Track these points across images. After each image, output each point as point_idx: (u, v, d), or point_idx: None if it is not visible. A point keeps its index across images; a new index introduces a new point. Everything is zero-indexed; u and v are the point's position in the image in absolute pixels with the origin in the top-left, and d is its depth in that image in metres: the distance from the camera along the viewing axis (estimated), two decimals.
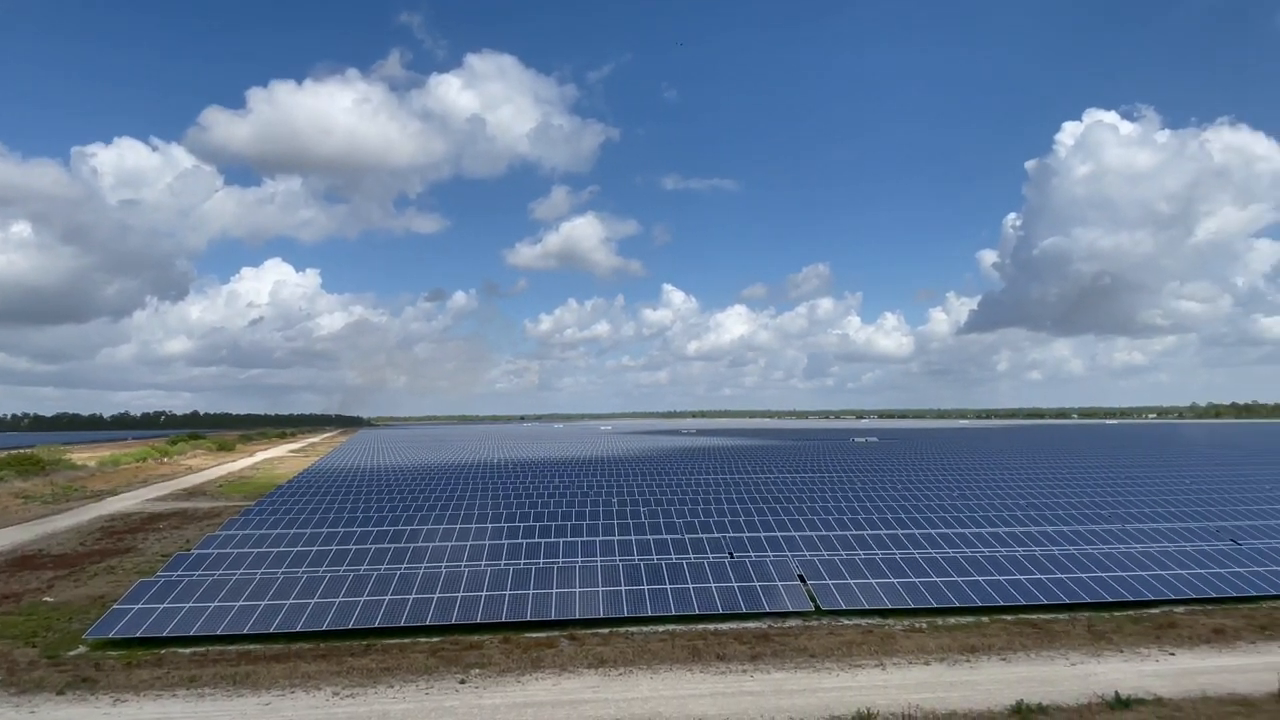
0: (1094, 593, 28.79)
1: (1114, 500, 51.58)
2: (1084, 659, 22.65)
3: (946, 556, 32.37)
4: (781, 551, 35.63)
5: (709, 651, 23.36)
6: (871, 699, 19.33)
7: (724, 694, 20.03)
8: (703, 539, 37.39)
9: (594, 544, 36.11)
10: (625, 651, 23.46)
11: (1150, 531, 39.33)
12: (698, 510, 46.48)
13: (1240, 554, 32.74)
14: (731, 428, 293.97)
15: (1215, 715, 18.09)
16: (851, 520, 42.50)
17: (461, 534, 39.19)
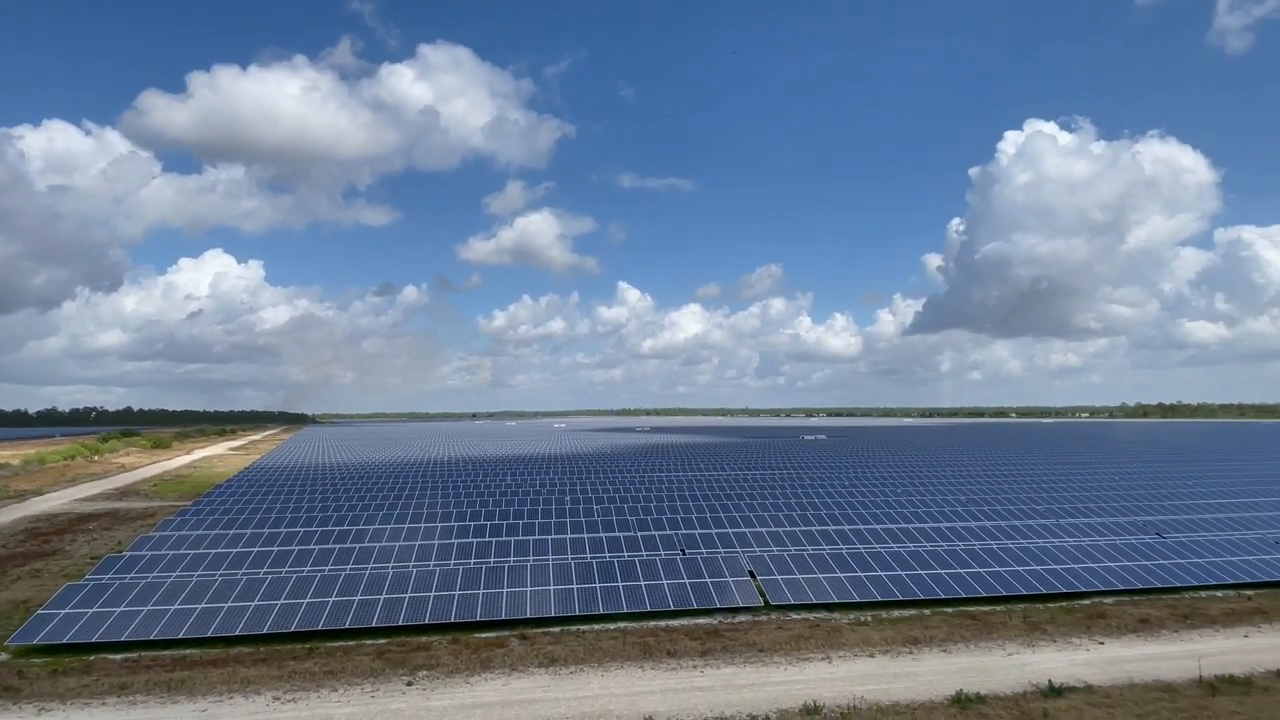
0: (1029, 585, 29.91)
1: (1049, 496, 53.68)
2: (1020, 649, 23.51)
3: (891, 551, 33.20)
4: (732, 548, 36.01)
5: (660, 648, 23.47)
6: (818, 691, 19.70)
7: (675, 690, 20.14)
8: (655, 536, 37.56)
9: (546, 542, 35.89)
10: (576, 650, 23.40)
11: (1082, 526, 41.05)
12: (650, 508, 46.63)
13: (1165, 547, 34.43)
14: (685, 425, 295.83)
15: (1141, 701, 18.99)
16: (800, 517, 43.22)
17: (410, 533, 38.49)
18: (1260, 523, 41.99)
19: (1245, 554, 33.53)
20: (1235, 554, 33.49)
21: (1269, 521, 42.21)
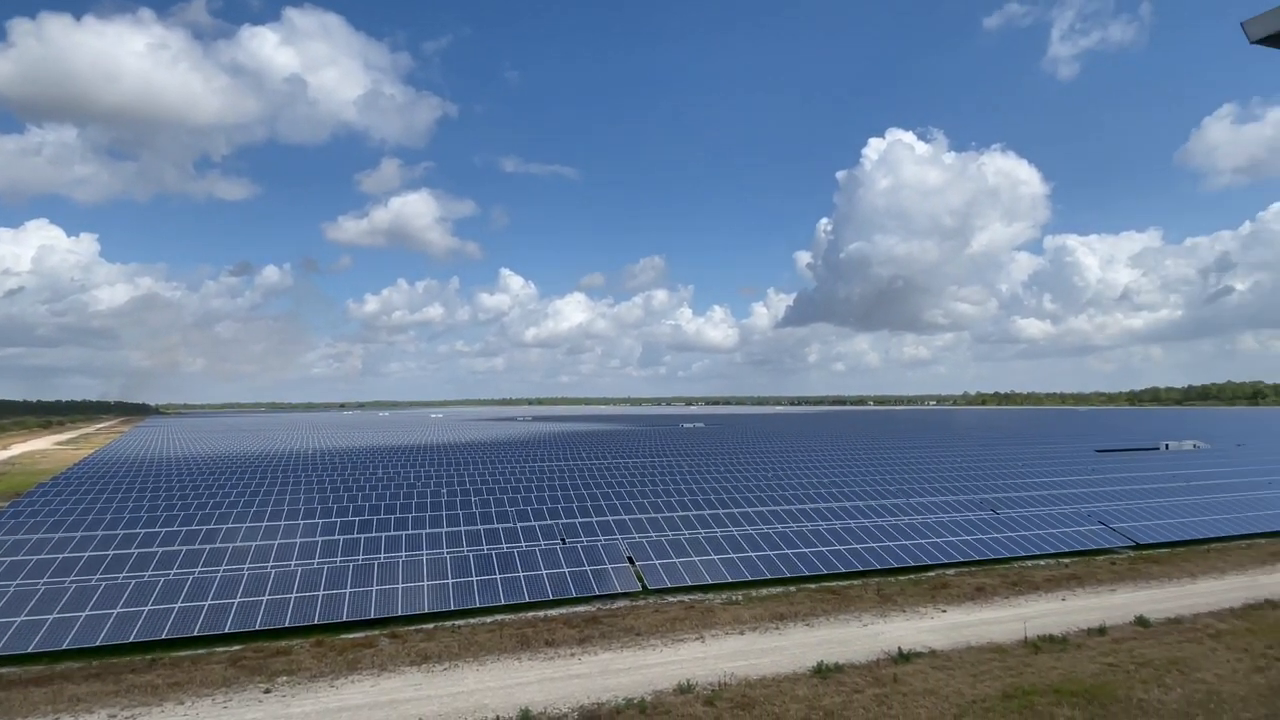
0: (883, 560, 32.30)
1: (901, 478, 58.13)
2: (874, 620, 25.35)
3: (761, 533, 34.78)
4: (612, 535, 36.40)
5: (538, 638, 23.37)
6: (692, 671, 20.34)
7: (552, 679, 20.13)
8: (535, 527, 37.30)
9: (420, 537, 34.73)
10: (451, 645, 22.85)
11: (929, 504, 44.78)
12: (531, 498, 46.22)
13: (998, 521, 38.22)
14: (568, 414, 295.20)
15: (976, 662, 21.00)
16: (678, 502, 44.35)
17: (270, 532, 36.04)
18: (1075, 499, 47.49)
19: (1063, 526, 37.84)
20: (1055, 526, 37.73)
21: (1082, 497, 47.82)
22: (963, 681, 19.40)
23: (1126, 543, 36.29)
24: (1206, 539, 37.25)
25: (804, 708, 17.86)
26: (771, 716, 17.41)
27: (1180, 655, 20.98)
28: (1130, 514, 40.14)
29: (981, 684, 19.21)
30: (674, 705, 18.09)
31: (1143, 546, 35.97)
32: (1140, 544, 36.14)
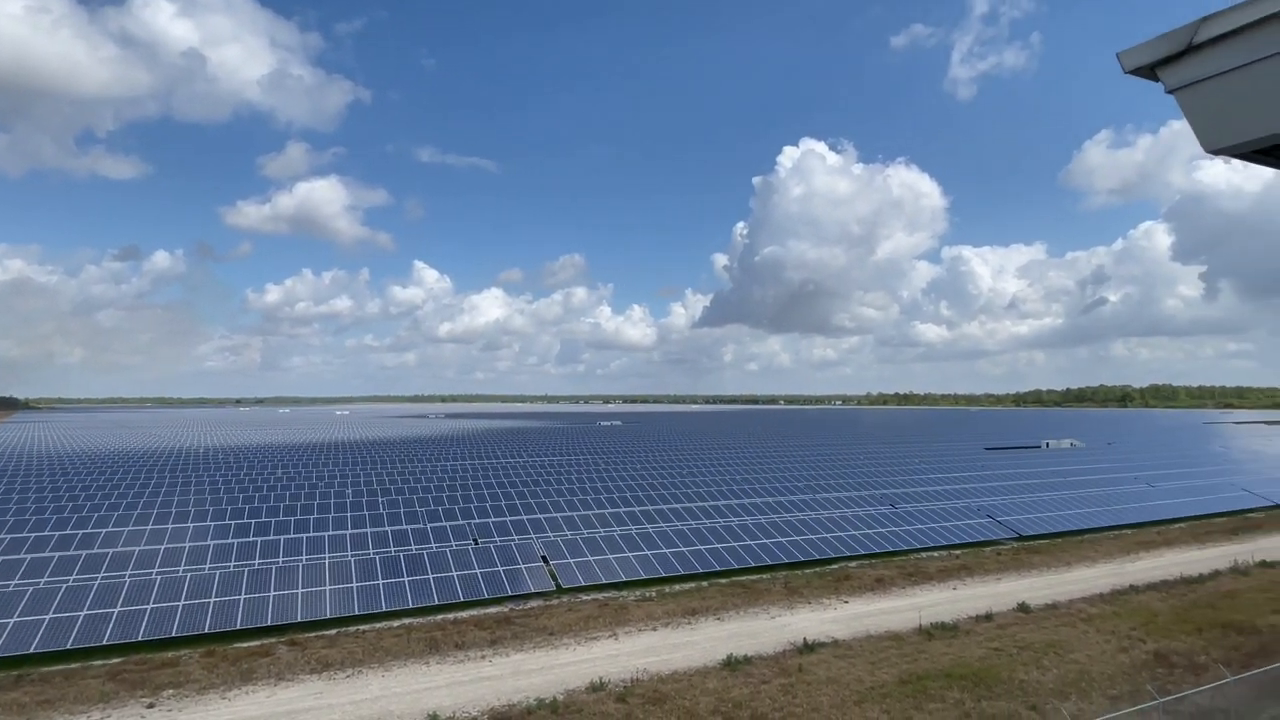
0: (791, 554, 33.40)
1: (809, 474, 60.28)
2: (782, 612, 26.18)
3: (675, 530, 35.26)
4: (527, 535, 36.03)
5: (448, 641, 22.87)
6: (604, 669, 20.42)
7: (461, 682, 19.75)
8: (446, 527, 36.46)
9: (322, 539, 33.29)
10: (354, 651, 22.03)
11: (834, 500, 46.63)
12: (443, 498, 45.14)
13: (896, 516, 40.22)
14: (483, 412, 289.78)
15: (875, 650, 22.05)
16: (594, 500, 44.37)
17: (155, 536, 33.71)
18: (966, 494, 50.57)
19: (955, 520, 40.21)
20: (948, 520, 40.04)
21: (972, 492, 50.97)
22: (863, 669, 20.32)
23: (1011, 534, 38.94)
24: (1080, 530, 40.44)
25: (714, 700, 18.25)
26: (682, 710, 17.71)
27: (1056, 638, 22.70)
28: (1014, 508, 43.10)
29: (880, 671, 20.18)
30: (586, 704, 18.11)
31: (1025, 538, 38.68)
32: (1023, 535, 38.85)
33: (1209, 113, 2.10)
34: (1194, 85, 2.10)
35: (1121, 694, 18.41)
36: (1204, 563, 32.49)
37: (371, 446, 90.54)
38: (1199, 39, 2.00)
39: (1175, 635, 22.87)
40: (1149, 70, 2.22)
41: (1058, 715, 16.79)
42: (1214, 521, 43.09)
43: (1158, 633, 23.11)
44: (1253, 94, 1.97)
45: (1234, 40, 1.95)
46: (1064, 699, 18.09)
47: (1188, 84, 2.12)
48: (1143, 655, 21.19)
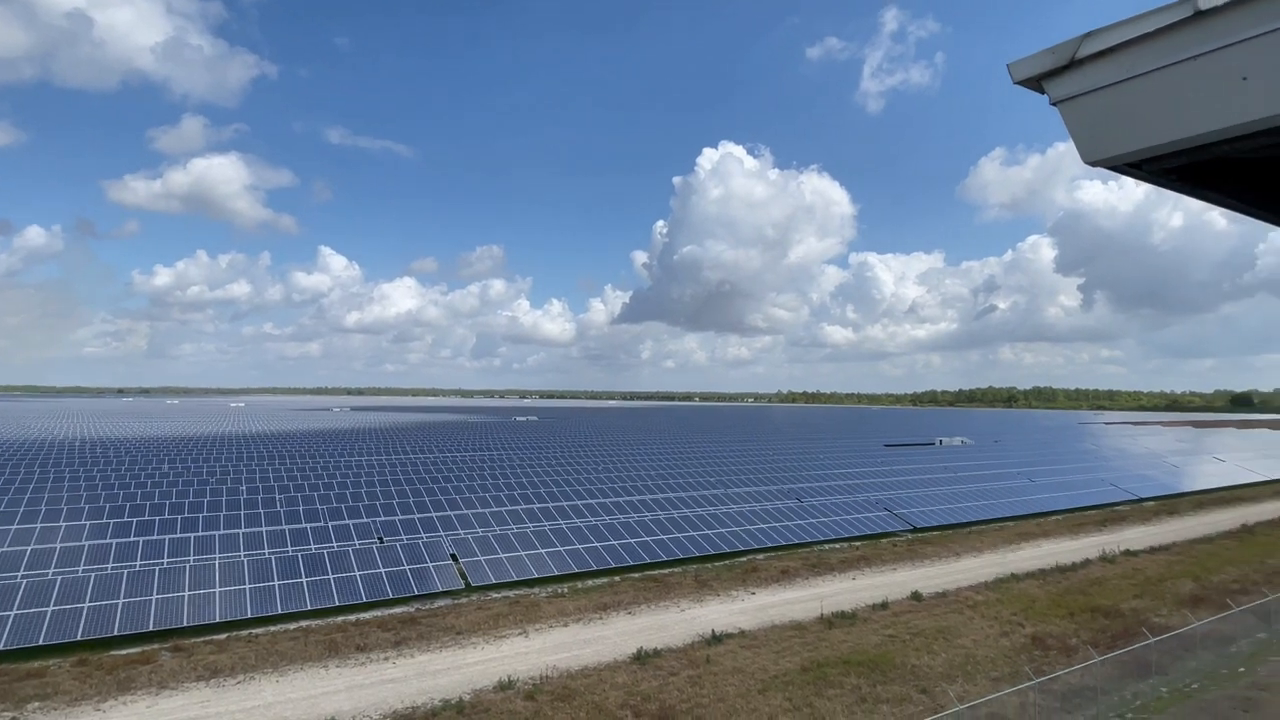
0: (701, 548, 34.00)
1: (720, 469, 61.55)
2: (691, 605, 26.62)
3: (589, 525, 35.23)
4: (435, 532, 35.11)
5: (349, 644, 22.00)
6: (513, 667, 20.16)
7: (362, 686, 19.04)
8: (350, 525, 35.05)
9: (212, 539, 31.34)
10: (246, 656, 20.86)
11: (744, 494, 47.80)
12: (346, 495, 43.37)
13: (803, 509, 41.63)
14: (392, 405, 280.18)
15: (780, 639, 22.74)
16: (508, 496, 43.72)
17: (21, 536, 30.82)
18: (866, 488, 52.92)
19: (856, 513, 42.01)
20: (849, 513, 41.78)
21: (872, 486, 53.40)
22: (767, 659, 20.92)
23: (906, 527, 41.04)
24: (968, 523, 43.07)
25: (623, 694, 18.35)
26: (591, 705, 17.71)
27: (946, 624, 24.10)
28: (910, 501, 45.44)
29: (784, 660, 20.84)
30: (494, 703, 17.84)
31: (919, 530, 40.85)
32: (917, 528, 41.02)
33: (1088, 125, 2.24)
34: (1075, 98, 2.23)
35: (1002, 676, 19.74)
36: (1077, 552, 35.25)
37: (269, 440, 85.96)
38: (1081, 54, 2.13)
39: (1051, 620, 24.71)
40: (1035, 82, 2.34)
41: (945, 698, 17.82)
42: (1086, 514, 46.84)
43: (1035, 618, 24.90)
44: (1127, 109, 2.11)
45: (1112, 57, 2.08)
46: (951, 682, 19.22)
47: (1070, 97, 2.25)
48: (1022, 639, 22.78)
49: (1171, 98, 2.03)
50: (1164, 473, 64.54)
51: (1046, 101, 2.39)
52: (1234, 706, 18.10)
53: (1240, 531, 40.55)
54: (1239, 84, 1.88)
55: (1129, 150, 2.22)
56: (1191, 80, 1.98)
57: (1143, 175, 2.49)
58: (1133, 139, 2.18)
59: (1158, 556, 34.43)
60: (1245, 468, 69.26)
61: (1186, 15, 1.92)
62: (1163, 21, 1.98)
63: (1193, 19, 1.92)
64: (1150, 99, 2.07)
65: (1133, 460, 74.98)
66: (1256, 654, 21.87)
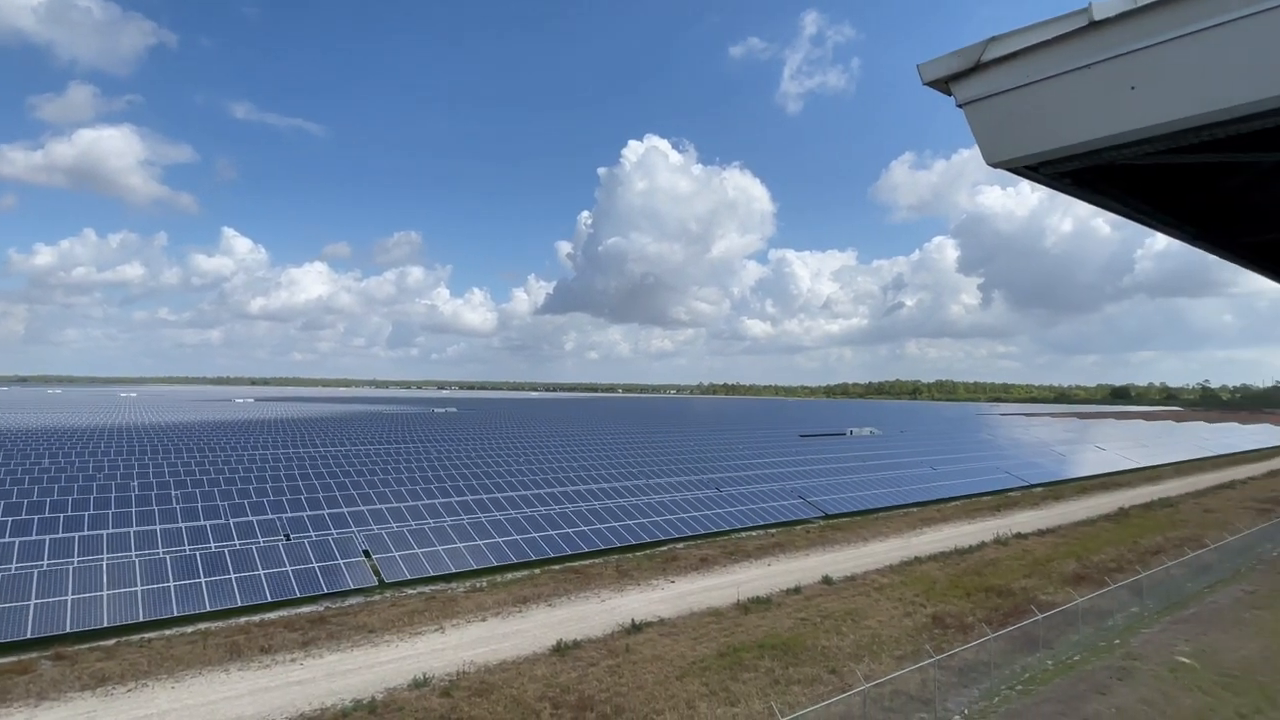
0: (622, 538, 34.20)
1: (642, 460, 62.04)
2: (612, 595, 26.73)
3: (510, 518, 34.81)
4: (347, 528, 33.88)
5: (252, 646, 20.96)
6: (429, 664, 19.72)
7: (267, 689, 18.19)
8: (253, 522, 33.36)
9: (99, 539, 29.19)
10: (139, 663, 19.57)
11: (665, 485, 48.36)
12: (250, 490, 41.27)
13: (722, 498, 42.48)
14: (301, 396, 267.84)
15: (698, 625, 23.15)
16: (425, 490, 42.65)
17: None
18: (782, 476, 54.50)
19: (772, 501, 43.21)
20: (766, 501, 42.94)
21: (787, 475, 55.04)
22: (685, 645, 21.27)
23: (819, 514, 42.53)
24: (876, 509, 45.03)
25: (542, 686, 18.26)
26: (509, 699, 17.54)
27: (854, 607, 25.14)
28: (822, 489, 47.11)
29: (701, 645, 21.24)
30: (408, 701, 17.40)
31: (830, 516, 42.42)
32: (829, 514, 42.58)
33: (991, 127, 2.33)
34: (979, 101, 2.32)
35: (905, 654, 20.77)
36: (973, 535, 37.44)
37: (165, 432, 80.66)
38: (986, 58, 2.21)
39: (949, 600, 26.17)
40: (944, 84, 2.42)
41: (853, 677, 18.60)
42: (982, 500, 49.80)
43: (936, 598, 26.31)
44: (1027, 113, 2.21)
45: (1015, 62, 2.17)
46: (858, 662, 20.08)
47: (974, 99, 2.33)
48: (923, 619, 24.03)
49: (1067, 103, 2.15)
50: (1052, 460, 69.40)
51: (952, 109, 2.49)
52: (1110, 675, 19.69)
53: (1117, 514, 44.07)
54: (1128, 92, 2.01)
55: (1028, 153, 2.33)
56: (1085, 87, 2.09)
57: (1040, 178, 2.63)
58: (1031, 142, 2.29)
59: (1045, 539, 37.00)
60: (1123, 455, 75.32)
61: (1082, 25, 2.03)
62: (1061, 30, 2.08)
63: (1088, 28, 2.03)
64: (1048, 104, 2.18)
65: (1024, 449, 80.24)
66: (1130, 627, 23.86)
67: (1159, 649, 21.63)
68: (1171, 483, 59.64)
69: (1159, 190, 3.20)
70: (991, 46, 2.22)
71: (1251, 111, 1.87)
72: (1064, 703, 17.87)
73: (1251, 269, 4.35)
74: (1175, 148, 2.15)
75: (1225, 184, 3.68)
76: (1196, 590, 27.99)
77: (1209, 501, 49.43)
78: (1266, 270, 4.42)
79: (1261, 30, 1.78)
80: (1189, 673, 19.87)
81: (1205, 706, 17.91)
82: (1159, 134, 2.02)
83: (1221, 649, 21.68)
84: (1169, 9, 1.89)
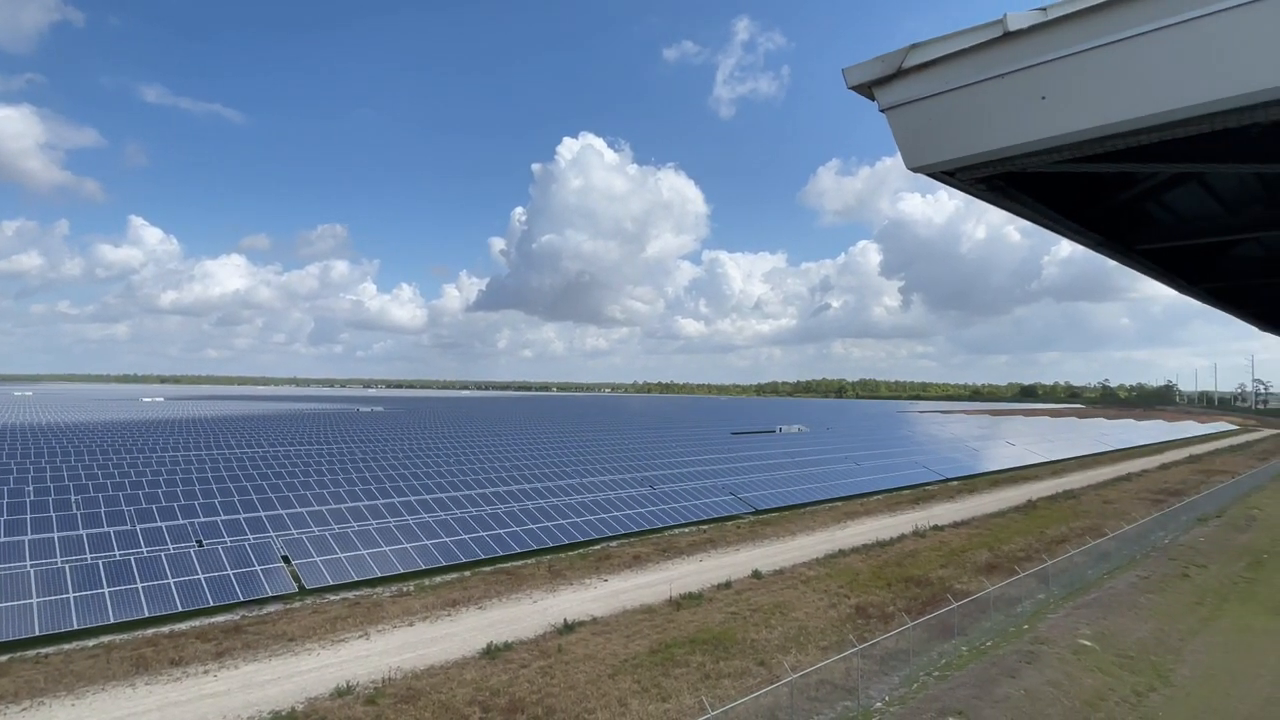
0: (555, 538, 33.95)
1: (576, 459, 61.76)
2: (544, 595, 26.50)
3: (439, 520, 34.05)
4: (265, 533, 32.45)
5: (161, 658, 19.81)
6: (352, 671, 19.09)
7: (177, 703, 17.22)
8: (162, 528, 31.54)
9: None
10: (34, 680, 18.21)
11: (599, 484, 48.30)
12: (159, 495, 38.97)
13: (655, 496, 42.73)
14: (215, 395, 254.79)
15: (630, 623, 23.20)
16: (349, 493, 41.25)
17: None
18: (714, 474, 55.27)
19: (704, 498, 43.75)
20: (698, 498, 43.44)
21: (719, 472, 55.86)
22: (618, 643, 21.29)
23: (749, 509, 43.32)
24: (804, 504, 46.19)
25: (471, 690, 17.94)
26: (438, 705, 17.16)
27: (782, 600, 25.70)
28: (752, 485, 48.00)
29: (634, 643, 21.30)
30: (330, 711, 16.79)
31: (760, 512, 43.27)
32: (759, 510, 43.43)
33: (911, 132, 2.39)
34: (900, 106, 2.37)
35: (830, 644, 21.38)
36: (894, 528, 38.88)
37: (64, 433, 75.32)
38: (907, 64, 2.26)
39: (872, 590, 27.09)
40: (867, 89, 2.46)
41: (780, 668, 19.02)
42: (902, 494, 51.78)
43: (859, 589, 27.19)
44: (945, 119, 2.27)
45: (934, 69, 2.22)
46: (786, 654, 20.54)
47: (896, 105, 2.38)
48: (847, 609, 24.79)
49: (982, 111, 2.22)
50: (966, 455, 72.80)
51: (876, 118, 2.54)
52: (1019, 659, 20.78)
53: (1025, 506, 46.58)
54: (1038, 102, 2.09)
55: (945, 158, 2.40)
56: (999, 96, 2.17)
57: (956, 183, 2.72)
58: (948, 148, 2.36)
59: (960, 530, 38.76)
60: (1031, 450, 79.70)
61: (997, 35, 2.11)
62: (977, 39, 2.15)
63: (1002, 39, 2.10)
64: (964, 111, 2.25)
65: (941, 445, 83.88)
66: (1038, 613, 25.25)
67: (1063, 633, 22.97)
68: (1075, 476, 63.48)
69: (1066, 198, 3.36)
70: (912, 54, 2.28)
71: (1150, 125, 1.97)
72: (977, 686, 18.76)
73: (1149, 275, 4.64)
74: (1080, 157, 2.25)
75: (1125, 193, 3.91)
76: (1097, 577, 29.86)
77: (1108, 493, 52.85)
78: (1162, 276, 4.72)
79: (1165, 46, 1.88)
80: (1090, 654, 21.18)
81: (1105, 685, 19.13)
82: (1066, 143, 2.11)
83: (1119, 631, 23.20)
84: (1078, 23, 1.98)
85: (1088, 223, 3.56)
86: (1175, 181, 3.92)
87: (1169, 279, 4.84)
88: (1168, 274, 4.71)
